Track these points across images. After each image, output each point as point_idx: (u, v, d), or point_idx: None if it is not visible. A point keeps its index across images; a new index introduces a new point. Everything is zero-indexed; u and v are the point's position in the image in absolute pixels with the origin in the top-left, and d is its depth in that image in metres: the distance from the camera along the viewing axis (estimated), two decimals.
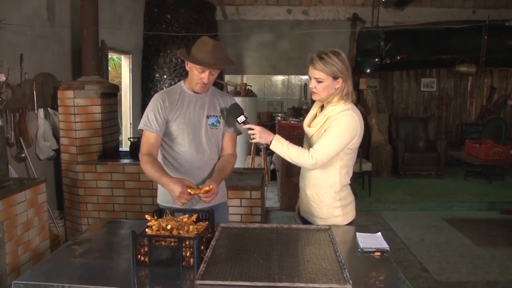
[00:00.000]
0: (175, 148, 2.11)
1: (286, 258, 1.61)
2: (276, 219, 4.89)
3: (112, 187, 3.84)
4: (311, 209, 2.13)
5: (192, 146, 2.10)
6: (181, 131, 2.09)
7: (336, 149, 1.96)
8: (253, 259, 1.59)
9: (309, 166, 2.00)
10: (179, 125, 2.08)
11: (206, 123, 2.13)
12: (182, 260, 1.53)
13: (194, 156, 2.11)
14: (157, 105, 2.06)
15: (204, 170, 2.14)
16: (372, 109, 7.36)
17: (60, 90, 3.88)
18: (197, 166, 2.13)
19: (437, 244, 4.27)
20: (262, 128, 2.01)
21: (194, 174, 2.09)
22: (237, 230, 1.94)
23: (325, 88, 2.00)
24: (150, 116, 2.06)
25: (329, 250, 1.70)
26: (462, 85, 7.84)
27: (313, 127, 2.08)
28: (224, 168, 2.12)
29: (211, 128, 2.14)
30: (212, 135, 2.15)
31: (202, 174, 2.13)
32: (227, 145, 2.22)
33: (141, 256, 1.55)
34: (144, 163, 2.00)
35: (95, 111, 3.89)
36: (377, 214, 5.26)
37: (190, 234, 1.62)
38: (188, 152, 2.11)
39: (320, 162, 1.96)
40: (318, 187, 2.08)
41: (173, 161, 2.13)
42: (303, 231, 1.94)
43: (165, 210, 1.80)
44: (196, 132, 2.11)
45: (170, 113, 2.07)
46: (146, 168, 1.99)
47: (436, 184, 6.62)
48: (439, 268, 3.71)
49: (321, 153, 1.95)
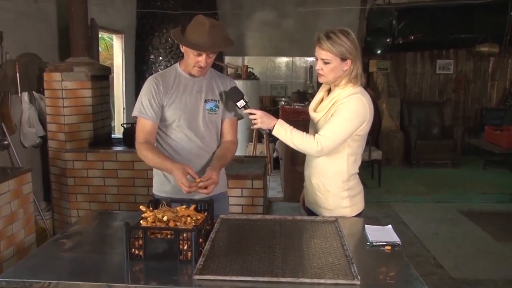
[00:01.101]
0: (171, 135, 2.12)
1: (290, 252, 1.62)
2: (279, 210, 4.92)
3: (104, 177, 3.85)
4: (316, 200, 2.14)
5: (189, 133, 2.10)
6: (177, 117, 2.08)
7: (343, 134, 1.96)
8: (254, 253, 1.60)
9: (314, 153, 2.00)
10: (175, 111, 2.08)
11: (204, 108, 2.13)
12: (179, 254, 1.54)
13: (191, 143, 2.11)
14: (151, 89, 2.06)
15: (202, 158, 2.14)
16: (383, 93, 7.32)
17: (46, 72, 3.87)
18: (195, 153, 2.13)
19: (453, 238, 4.28)
20: (264, 113, 2.01)
21: (192, 161, 2.09)
22: (237, 221, 1.95)
23: (332, 70, 1.99)
24: (144, 102, 2.06)
25: (336, 243, 1.71)
26: (482, 67, 7.76)
27: (319, 112, 2.08)
28: (224, 155, 2.13)
29: (209, 113, 2.14)
30: (210, 120, 2.15)
31: (200, 162, 2.13)
32: (227, 131, 2.22)
33: (135, 250, 1.56)
34: (143, 151, 2.02)
35: (85, 95, 3.89)
36: (387, 206, 5.27)
37: (188, 226, 1.63)
38: (184, 138, 2.11)
39: (326, 148, 1.96)
40: (324, 176, 2.09)
41: (168, 148, 2.13)
42: (308, 223, 1.95)
43: (161, 201, 1.81)
44: (193, 117, 2.11)
45: (165, 98, 2.07)
46: (147, 155, 2.00)
47: (452, 174, 6.62)
48: (455, 264, 3.70)
49: (327, 139, 1.94)
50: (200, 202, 1.87)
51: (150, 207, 1.78)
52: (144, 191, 3.78)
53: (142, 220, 1.67)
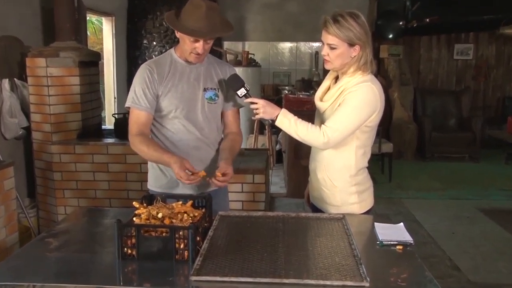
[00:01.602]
0: (167, 126, 2.12)
1: (294, 251, 1.64)
2: (282, 207, 4.93)
3: (93, 171, 3.86)
4: (322, 195, 2.15)
5: (187, 123, 2.11)
6: (173, 107, 2.08)
7: (351, 126, 1.97)
8: (256, 252, 1.62)
9: (320, 145, 2.00)
10: (171, 100, 2.08)
11: (203, 97, 2.13)
12: (175, 253, 1.56)
13: (189, 134, 2.12)
14: (145, 77, 2.05)
15: (201, 150, 2.15)
16: (395, 81, 7.31)
17: (29, 57, 3.85)
18: (193, 145, 2.14)
19: (471, 238, 4.27)
20: (266, 102, 2.02)
21: (190, 154, 2.10)
22: (238, 219, 1.96)
23: (339, 56, 1.99)
24: (138, 91, 2.06)
25: (343, 242, 1.72)
26: (506, 51, 7.69)
27: (326, 101, 2.08)
28: (232, 147, 2.16)
29: (208, 103, 2.14)
30: (210, 110, 2.15)
31: (199, 154, 2.14)
32: (231, 123, 2.24)
33: (127, 249, 1.58)
34: (138, 144, 2.03)
35: (72, 82, 3.89)
36: (398, 203, 5.29)
37: (184, 223, 1.64)
38: (182, 130, 2.12)
39: (333, 140, 1.96)
40: (330, 170, 2.10)
41: (164, 140, 2.13)
42: (313, 220, 1.96)
43: (156, 196, 1.82)
44: (191, 107, 2.11)
45: (160, 87, 2.07)
46: (142, 149, 2.02)
47: (470, 168, 6.62)
48: (473, 266, 3.68)
49: (334, 130, 1.95)
50: (198, 198, 1.89)
51: (144, 203, 1.80)
52: (137, 186, 3.79)
53: (135, 217, 1.68)
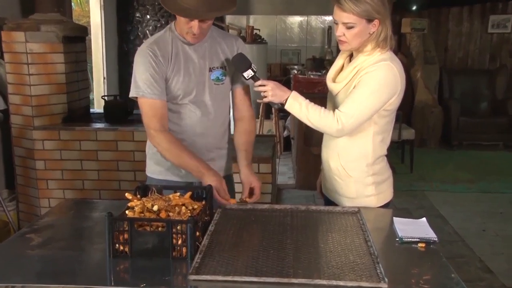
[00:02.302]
0: (172, 109, 2.12)
1: (303, 248, 1.65)
2: (290, 199, 4.96)
3: (81, 159, 3.88)
4: (336, 187, 2.16)
5: (194, 108, 2.12)
6: (180, 91, 2.09)
7: (368, 111, 1.97)
8: (261, 249, 1.63)
9: (333, 133, 2.01)
10: (177, 84, 2.08)
11: (209, 78, 2.13)
12: (172, 250, 1.57)
13: (196, 120, 2.14)
14: (150, 61, 2.01)
15: (208, 137, 2.17)
16: (418, 59, 7.26)
17: (5, 30, 3.83)
18: (199, 132, 2.15)
19: (505, 237, 4.24)
20: (275, 84, 2.01)
21: (196, 142, 2.12)
22: (241, 212, 1.98)
23: (357, 35, 1.97)
24: (145, 78, 2.01)
25: (358, 238, 1.73)
26: None
27: (339, 83, 2.08)
28: (249, 145, 2.21)
29: (215, 84, 2.15)
30: (218, 92, 2.16)
31: (205, 142, 2.16)
32: (242, 104, 2.25)
33: (119, 245, 1.59)
34: (167, 143, 2.02)
35: (56, 60, 3.88)
36: (421, 195, 5.30)
37: (182, 216, 1.65)
38: (188, 115, 2.13)
39: (347, 127, 1.97)
40: (345, 159, 2.10)
41: (170, 125, 2.13)
42: (325, 214, 1.97)
43: (151, 187, 1.83)
44: (198, 90, 2.11)
45: (165, 71, 2.05)
46: (173, 151, 2.02)
47: (504, 158, 6.58)
48: (508, 269, 3.65)
49: (349, 116, 1.95)
50: (197, 189, 1.90)
51: (138, 194, 1.81)
52: (130, 176, 3.81)
53: (128, 210, 1.69)
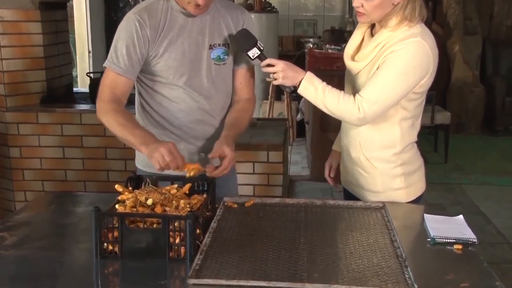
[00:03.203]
0: (163, 92, 2.12)
1: (319, 249, 1.65)
2: (304, 192, 4.98)
3: (63, 146, 3.91)
4: (358, 179, 2.16)
5: (190, 92, 2.11)
6: (172, 71, 2.08)
7: (395, 96, 1.96)
8: (271, 249, 1.63)
9: (354, 121, 2.01)
10: (168, 62, 2.07)
11: (209, 56, 2.12)
12: (169, 250, 1.58)
13: (191, 104, 2.13)
14: (132, 32, 2.01)
15: (205, 125, 2.17)
16: (456, 29, 7.19)
17: None
18: (195, 118, 2.14)
19: None
20: (286, 64, 2.01)
21: (192, 131, 2.12)
22: (248, 207, 1.98)
23: (377, 7, 1.95)
24: (120, 49, 2.02)
25: (383, 238, 1.73)
26: None
27: (359, 61, 2.07)
28: (238, 121, 2.15)
29: (216, 64, 2.14)
30: (218, 73, 2.15)
31: (202, 131, 2.16)
32: (242, 86, 2.23)
33: (108, 245, 1.60)
34: (106, 114, 1.98)
35: (32, 30, 3.88)
36: (457, 189, 5.29)
37: (181, 211, 1.66)
38: (182, 99, 2.12)
39: (370, 115, 1.96)
40: (368, 147, 2.10)
41: (160, 110, 2.13)
42: (344, 210, 1.98)
43: (145, 178, 1.84)
44: (194, 70, 2.10)
45: (153, 45, 2.04)
46: (110, 120, 1.97)
47: None
48: None
49: (372, 103, 1.94)
50: (198, 180, 1.90)
51: (129, 186, 1.81)
52: (120, 166, 3.83)
53: (118, 204, 1.70)
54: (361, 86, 2.01)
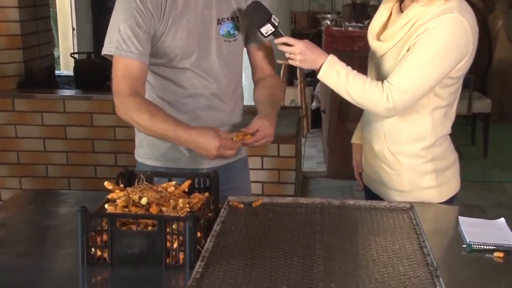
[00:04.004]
0: (169, 76, 2.14)
1: (337, 255, 1.66)
2: (320, 191, 4.99)
3: (44, 137, 3.93)
4: (381, 176, 2.17)
5: (198, 73, 2.13)
6: (178, 51, 2.09)
7: (428, 82, 1.96)
8: (282, 256, 1.64)
9: (382, 112, 2.02)
10: (174, 42, 2.08)
11: (218, 33, 2.14)
12: (165, 255, 1.59)
13: (200, 89, 2.15)
14: (134, 9, 2.01)
15: (215, 111, 2.18)
16: (499, 2, 7.13)
17: None
18: (205, 105, 2.16)
19: None
20: (305, 44, 2.01)
21: (200, 117, 2.14)
22: (256, 208, 1.99)
23: None
24: (124, 31, 2.01)
25: (411, 243, 1.74)
26: None
27: (386, 41, 2.07)
28: (273, 98, 2.18)
29: (226, 41, 2.16)
30: (229, 52, 2.17)
31: (212, 117, 2.17)
32: (264, 63, 2.25)
33: (96, 250, 1.61)
34: (136, 110, 1.99)
35: (6, 3, 3.89)
36: (498, 188, 5.27)
37: (180, 212, 1.67)
38: (189, 83, 2.14)
39: (400, 106, 1.97)
40: (394, 139, 2.11)
41: (165, 96, 2.16)
42: (366, 211, 1.98)
43: (138, 174, 1.86)
44: (203, 49, 2.12)
45: (157, 24, 2.05)
46: (143, 117, 1.98)
47: None
48: None
49: (403, 92, 1.94)
50: (199, 176, 1.92)
51: (121, 183, 1.83)
52: (110, 160, 3.85)
53: (108, 204, 1.70)
54: (387, 71, 2.02)
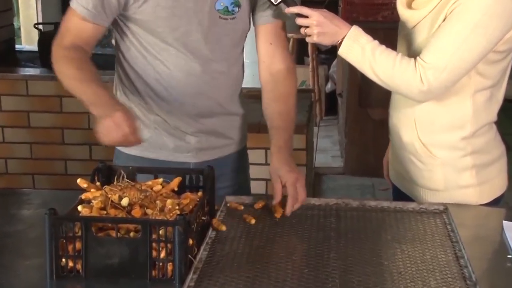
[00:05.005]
0: (150, 50, 2.14)
1: (356, 268, 1.66)
2: (336, 190, 5.02)
3: (2, 125, 3.96)
4: (411, 172, 2.18)
5: (183, 52, 2.14)
6: (160, 23, 2.10)
7: (470, 59, 1.97)
8: (290, 268, 1.65)
9: (415, 96, 2.02)
10: (156, 10, 2.09)
11: (213, 6, 2.14)
12: (151, 267, 1.59)
13: (185, 71, 2.16)
14: None
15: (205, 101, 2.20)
16: None
17: None
18: (192, 91, 2.18)
19: None
20: (324, 15, 2.00)
21: (186, 106, 2.16)
22: (258, 209, 2.01)
23: None
24: None
25: (445, 253, 1.75)
26: None
27: (419, 9, 2.08)
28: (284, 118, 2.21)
29: (222, 18, 2.16)
30: (224, 31, 2.18)
31: (201, 109, 2.19)
32: (273, 49, 2.23)
33: (68, 261, 1.61)
34: (60, 60, 2.05)
35: None
36: None
37: (168, 215, 1.67)
38: (174, 62, 2.15)
39: (437, 88, 1.97)
40: (427, 128, 2.11)
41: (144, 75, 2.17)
42: (391, 215, 2.00)
43: (118, 169, 1.86)
44: (191, 24, 2.13)
45: None
46: (62, 69, 2.04)
47: None
48: None
49: (440, 71, 1.95)
50: (191, 172, 1.93)
51: (97, 180, 1.84)
52: (83, 153, 3.87)
53: (82, 206, 1.70)
54: (420, 45, 2.03)
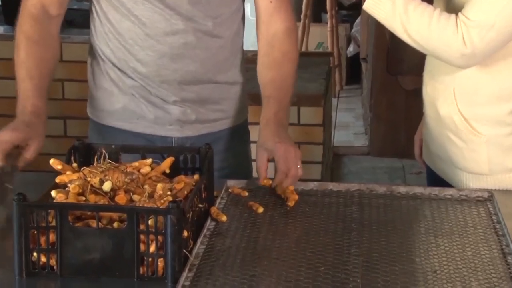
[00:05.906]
0: (125, 4, 2.17)
1: (382, 265, 1.66)
2: (359, 174, 5.07)
3: None
4: (449, 152, 2.19)
5: (161, 8, 2.16)
6: None
7: None
8: (303, 265, 1.65)
9: (456, 60, 2.03)
10: None
11: None
12: (138, 263, 1.59)
13: (164, 29, 2.19)
14: None
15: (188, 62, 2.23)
16: None
17: None
18: (173, 53, 2.21)
19: None
20: None
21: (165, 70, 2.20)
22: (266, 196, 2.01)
23: None
24: None
25: (489, 248, 1.74)
26: None
27: None
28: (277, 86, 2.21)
29: None
30: None
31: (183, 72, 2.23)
32: (272, 7, 2.26)
33: (40, 255, 1.62)
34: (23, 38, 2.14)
35: None
36: None
37: (158, 203, 1.67)
38: (151, 19, 2.18)
39: (482, 50, 1.98)
40: (469, 99, 2.12)
41: (120, 34, 2.20)
42: (425, 203, 2.00)
43: (99, 148, 1.86)
44: None
45: None
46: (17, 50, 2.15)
47: None
48: None
49: (487, 29, 1.95)
50: (185, 151, 1.93)
51: (74, 161, 1.84)
52: (57, 128, 3.86)
53: (56, 191, 1.71)
54: (462, 4, 2.02)
